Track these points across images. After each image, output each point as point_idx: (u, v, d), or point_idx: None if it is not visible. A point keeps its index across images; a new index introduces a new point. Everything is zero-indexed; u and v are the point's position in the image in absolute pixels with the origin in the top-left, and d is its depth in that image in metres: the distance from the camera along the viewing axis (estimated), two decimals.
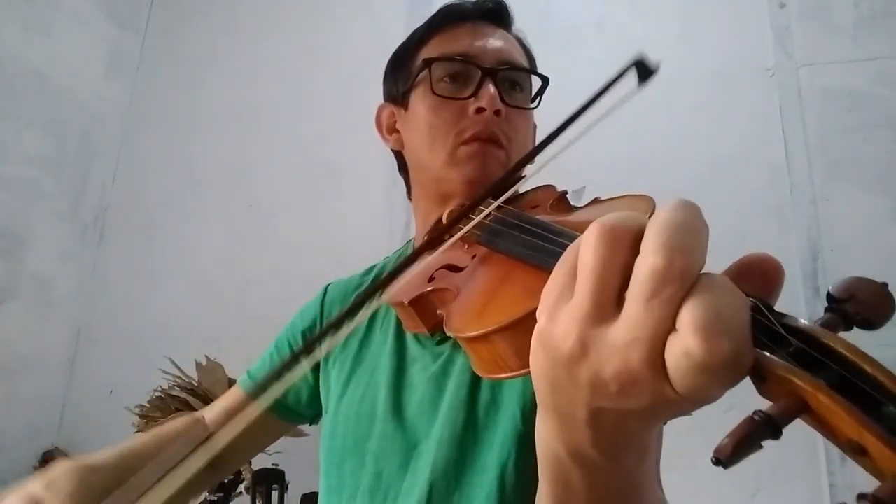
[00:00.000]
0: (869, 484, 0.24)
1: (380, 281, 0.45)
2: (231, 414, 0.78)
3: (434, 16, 0.72)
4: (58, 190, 1.93)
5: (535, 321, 0.33)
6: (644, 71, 0.47)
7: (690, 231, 0.25)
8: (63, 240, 1.95)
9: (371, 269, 0.83)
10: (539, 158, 0.46)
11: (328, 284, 0.83)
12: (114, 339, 1.96)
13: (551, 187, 0.65)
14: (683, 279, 0.24)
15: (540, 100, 0.73)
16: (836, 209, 1.54)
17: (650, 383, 0.25)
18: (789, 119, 1.63)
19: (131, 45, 2.24)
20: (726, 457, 0.22)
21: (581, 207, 0.59)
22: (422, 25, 0.73)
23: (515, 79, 0.69)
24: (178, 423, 0.78)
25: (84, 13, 2.04)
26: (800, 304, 1.47)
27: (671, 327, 0.24)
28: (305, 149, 1.99)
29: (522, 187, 0.69)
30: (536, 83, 0.72)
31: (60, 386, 1.92)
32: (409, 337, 0.68)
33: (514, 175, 0.55)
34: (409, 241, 0.82)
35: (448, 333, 0.43)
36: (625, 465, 0.33)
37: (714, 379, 0.23)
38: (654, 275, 0.24)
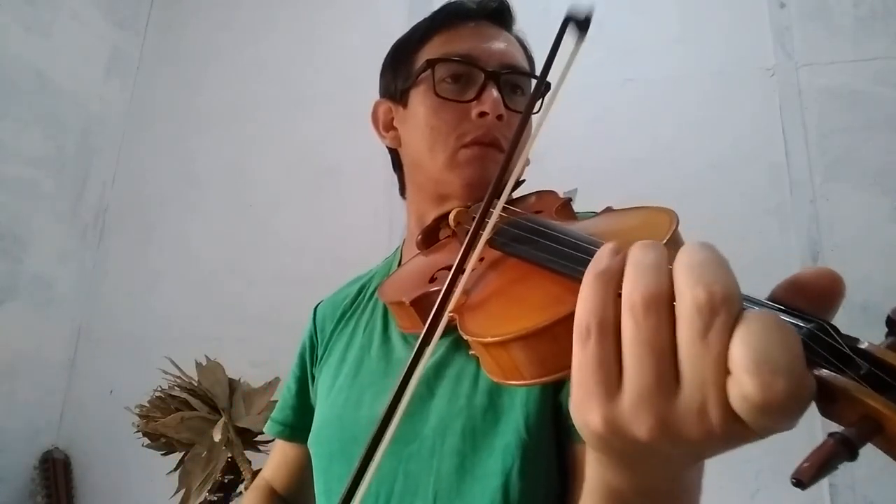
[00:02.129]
0: (869, 484, 0.24)
1: (431, 319, 0.43)
2: (291, 468, 0.80)
3: (437, 13, 0.71)
4: (58, 190, 1.93)
5: (560, 330, 0.33)
6: (581, 24, 0.45)
7: (718, 264, 0.25)
8: (63, 240, 1.95)
9: (357, 279, 0.82)
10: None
11: (316, 306, 0.83)
12: (114, 339, 1.96)
13: (553, 193, 0.64)
14: (729, 306, 0.24)
15: (541, 106, 0.71)
16: (836, 209, 1.54)
17: (733, 431, 0.25)
18: (789, 119, 1.63)
19: (131, 45, 2.24)
20: (808, 479, 0.23)
21: (591, 216, 0.58)
22: (423, 21, 0.72)
23: (517, 82, 0.69)
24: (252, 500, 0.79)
25: (84, 13, 2.04)
26: None
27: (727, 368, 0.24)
28: (305, 148, 1.99)
29: (520, 191, 0.68)
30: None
31: (60, 386, 1.92)
32: (395, 338, 0.67)
33: (511, 173, 0.52)
34: (398, 248, 0.80)
35: (464, 337, 0.41)
36: (687, 482, 0.34)
37: (778, 415, 0.23)
38: (700, 308, 0.24)
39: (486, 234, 0.46)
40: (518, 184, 0.68)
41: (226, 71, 2.17)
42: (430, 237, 0.68)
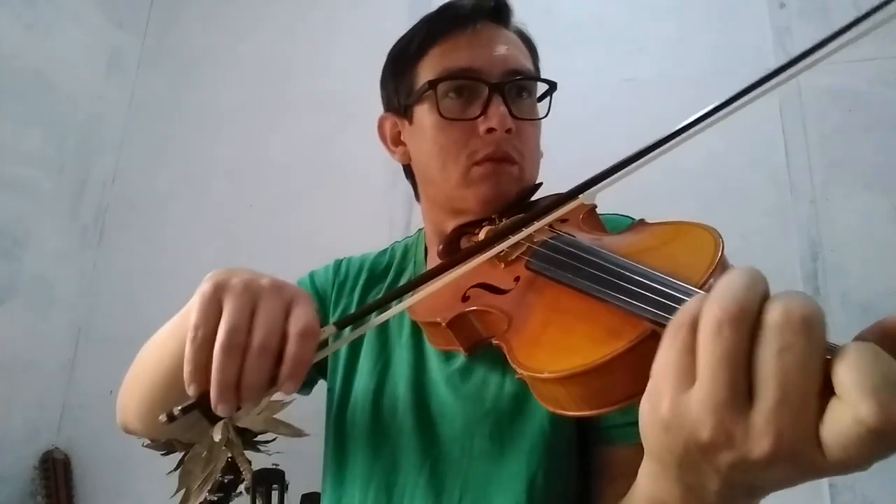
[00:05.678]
0: (868, 483, 0.24)
1: (411, 282, 0.43)
2: None
3: (431, 22, 0.69)
4: (58, 190, 1.93)
5: (619, 365, 0.33)
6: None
7: (812, 301, 0.26)
8: (63, 240, 1.95)
9: (383, 252, 0.81)
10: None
11: (339, 260, 0.81)
12: (114, 339, 1.96)
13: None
14: (810, 330, 0.24)
15: (549, 107, 0.71)
16: (836, 209, 1.54)
17: (803, 456, 0.25)
18: (789, 119, 1.63)
19: (131, 45, 2.24)
20: None
21: (614, 219, 0.56)
22: (419, 28, 0.70)
23: (522, 85, 0.67)
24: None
25: (84, 13, 2.04)
26: None
27: (817, 392, 0.24)
28: (306, 148, 1.99)
29: (538, 195, 0.67)
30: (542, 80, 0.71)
31: (60, 386, 1.92)
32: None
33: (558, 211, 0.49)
34: (420, 230, 0.79)
35: (518, 370, 0.40)
36: None
37: (886, 444, 0.23)
38: (780, 329, 0.25)
39: (500, 246, 0.45)
40: (536, 187, 0.68)
41: (226, 71, 2.17)
42: (451, 247, 0.67)
